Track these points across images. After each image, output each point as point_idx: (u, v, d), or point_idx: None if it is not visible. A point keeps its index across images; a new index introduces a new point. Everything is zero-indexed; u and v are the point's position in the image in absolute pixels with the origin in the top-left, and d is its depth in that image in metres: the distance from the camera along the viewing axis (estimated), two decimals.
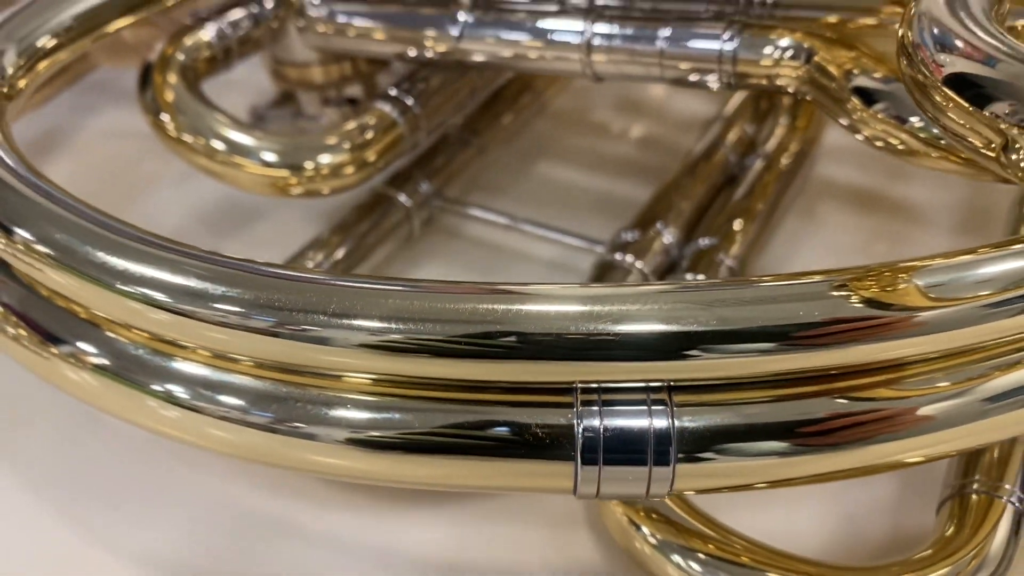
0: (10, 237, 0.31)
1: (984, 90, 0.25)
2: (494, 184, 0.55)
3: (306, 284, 0.28)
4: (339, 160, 0.44)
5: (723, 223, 0.45)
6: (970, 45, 0.27)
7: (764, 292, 0.27)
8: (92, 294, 0.30)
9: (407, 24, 0.45)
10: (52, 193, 0.32)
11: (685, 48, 0.39)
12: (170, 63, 0.46)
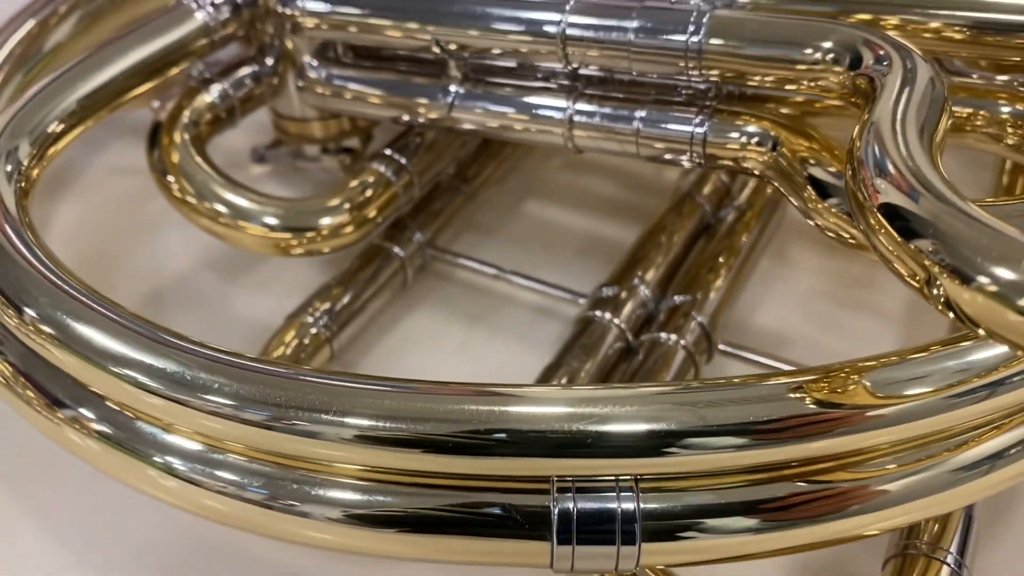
0: (21, 316, 0.34)
1: (910, 224, 0.28)
2: (485, 225, 0.58)
3: (306, 383, 0.31)
4: (339, 221, 0.47)
5: (697, 279, 0.48)
6: (901, 175, 0.30)
7: (727, 395, 0.30)
8: (91, 375, 0.33)
9: (401, 92, 0.48)
10: (64, 280, 0.35)
11: (659, 129, 0.42)
12: (176, 125, 0.49)
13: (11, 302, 0.35)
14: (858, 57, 0.36)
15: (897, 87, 0.33)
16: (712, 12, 0.39)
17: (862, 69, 0.35)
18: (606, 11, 0.41)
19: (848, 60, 0.36)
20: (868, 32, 0.36)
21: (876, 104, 0.33)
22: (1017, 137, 0.39)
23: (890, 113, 0.32)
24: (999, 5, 0.38)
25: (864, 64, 0.35)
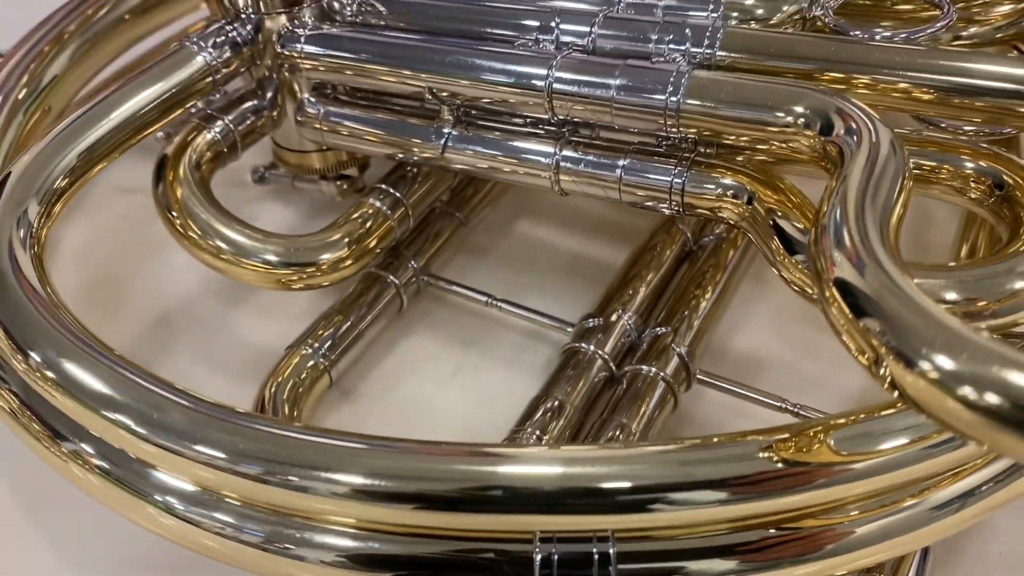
0: (27, 360, 0.37)
1: (861, 303, 0.31)
2: (477, 245, 0.61)
3: (305, 442, 0.34)
4: (338, 256, 0.50)
5: (677, 308, 0.51)
6: (857, 254, 0.32)
7: (702, 455, 0.33)
8: (88, 419, 0.36)
9: (396, 131, 0.50)
10: (72, 330, 0.38)
11: (640, 177, 0.44)
12: (180, 162, 0.51)
13: (20, 348, 0.38)
14: (829, 124, 0.38)
15: (863, 163, 0.35)
16: (691, 73, 0.42)
17: (832, 136, 0.38)
18: (591, 68, 0.43)
19: (819, 125, 0.38)
20: (841, 100, 0.38)
21: (842, 176, 0.35)
22: (979, 192, 0.41)
23: (854, 190, 0.34)
24: (964, 70, 0.40)
25: (835, 132, 0.37)
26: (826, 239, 0.34)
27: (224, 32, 0.51)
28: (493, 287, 0.56)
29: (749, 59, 0.43)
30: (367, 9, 0.52)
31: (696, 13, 0.47)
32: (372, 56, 0.48)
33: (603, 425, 0.45)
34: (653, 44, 0.45)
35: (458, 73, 0.46)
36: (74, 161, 0.44)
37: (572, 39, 0.47)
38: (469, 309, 0.56)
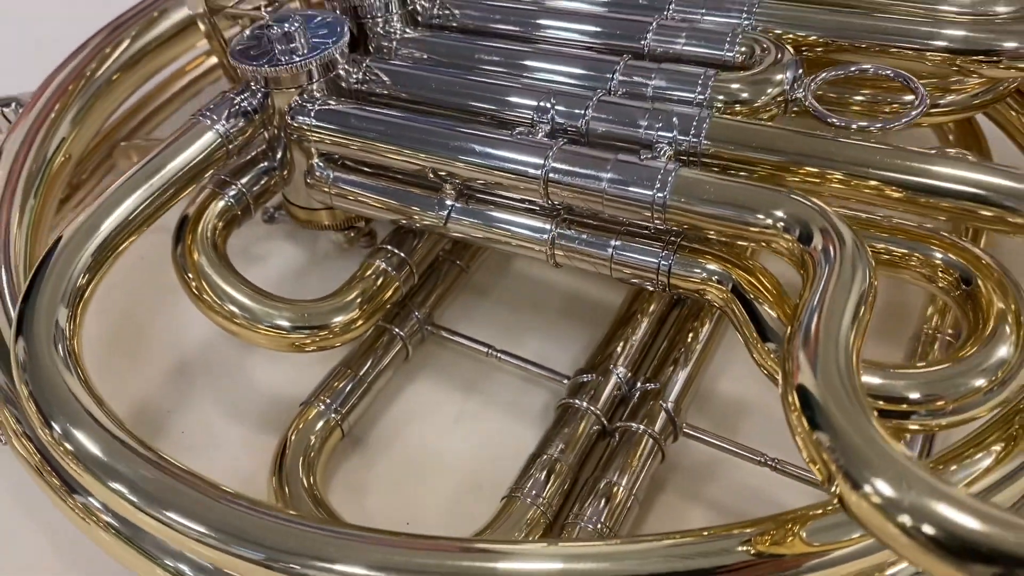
0: (51, 432, 0.42)
1: (816, 417, 0.34)
2: (478, 285, 0.64)
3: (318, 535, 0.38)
4: (349, 318, 0.53)
5: (666, 361, 0.54)
6: (819, 363, 0.35)
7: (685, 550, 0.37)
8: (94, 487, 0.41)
9: (401, 200, 0.53)
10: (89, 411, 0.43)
11: (629, 258, 0.48)
12: (198, 226, 0.54)
13: (45, 421, 0.42)
14: (808, 235, 0.41)
15: (835, 281, 0.38)
16: (677, 172, 0.44)
17: (809, 248, 0.40)
18: (585, 161, 0.46)
19: (798, 233, 0.41)
20: (821, 211, 0.41)
21: (816, 288, 0.39)
22: (946, 282, 0.44)
23: (825, 306, 0.38)
24: (930, 172, 0.43)
25: (812, 244, 0.40)
26: (796, 344, 0.37)
27: (235, 103, 0.53)
28: (493, 327, 0.60)
29: (732, 149, 0.46)
30: (372, 78, 0.54)
31: (685, 94, 0.49)
32: (377, 135, 0.51)
33: (595, 483, 0.49)
34: (643, 130, 0.48)
35: (459, 157, 0.49)
36: (89, 259, 0.48)
37: (567, 121, 0.49)
38: (471, 354, 0.60)
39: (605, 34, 0.55)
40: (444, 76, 0.53)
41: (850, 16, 0.52)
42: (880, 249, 0.46)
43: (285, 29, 0.52)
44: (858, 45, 0.52)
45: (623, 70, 0.51)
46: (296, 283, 0.66)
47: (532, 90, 0.51)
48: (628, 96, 0.51)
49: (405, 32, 0.57)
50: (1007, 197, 0.41)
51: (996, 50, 0.49)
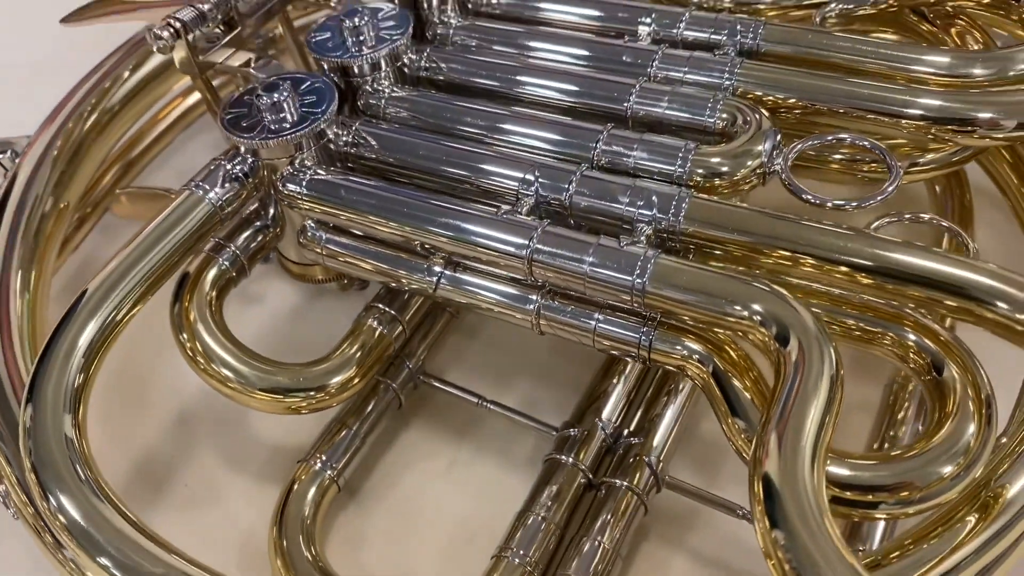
0: (48, 504, 0.44)
1: (775, 511, 0.36)
2: (467, 327, 0.66)
3: None
4: (343, 380, 0.55)
5: (648, 414, 0.56)
6: (786, 462, 0.38)
7: None
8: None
9: (392, 264, 0.54)
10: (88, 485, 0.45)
11: (612, 331, 0.49)
12: (195, 287, 0.55)
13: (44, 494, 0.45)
14: (784, 336, 0.42)
15: (807, 384, 0.40)
16: (656, 259, 0.46)
17: (784, 351, 0.42)
18: (568, 244, 0.48)
19: (775, 331, 0.43)
20: (799, 316, 0.42)
21: (787, 386, 0.40)
22: (917, 365, 0.46)
23: (798, 408, 0.39)
24: (898, 262, 0.45)
25: (788, 348, 0.42)
26: (766, 438, 0.39)
27: (227, 171, 0.54)
28: (483, 368, 0.62)
29: (709, 230, 0.48)
30: (361, 142, 0.56)
31: (665, 167, 0.51)
32: (367, 208, 0.52)
33: (580, 540, 0.51)
34: (624, 207, 0.49)
35: (446, 233, 0.50)
36: (81, 359, 0.49)
37: (551, 194, 0.51)
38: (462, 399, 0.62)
39: (589, 95, 0.56)
40: (431, 143, 0.54)
41: (827, 81, 0.53)
42: (852, 325, 0.48)
43: (274, 99, 0.53)
44: (835, 109, 0.53)
45: (606, 139, 0.52)
46: (292, 324, 0.67)
47: (517, 161, 0.52)
48: (610, 167, 0.52)
49: (393, 91, 0.58)
50: (973, 291, 0.43)
51: (971, 120, 0.51)
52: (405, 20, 0.59)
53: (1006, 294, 0.42)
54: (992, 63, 0.53)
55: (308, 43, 0.58)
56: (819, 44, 0.56)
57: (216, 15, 0.59)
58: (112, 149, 0.70)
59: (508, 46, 0.61)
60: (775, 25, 0.58)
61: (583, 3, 0.63)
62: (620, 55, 0.58)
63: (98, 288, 0.50)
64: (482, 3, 0.65)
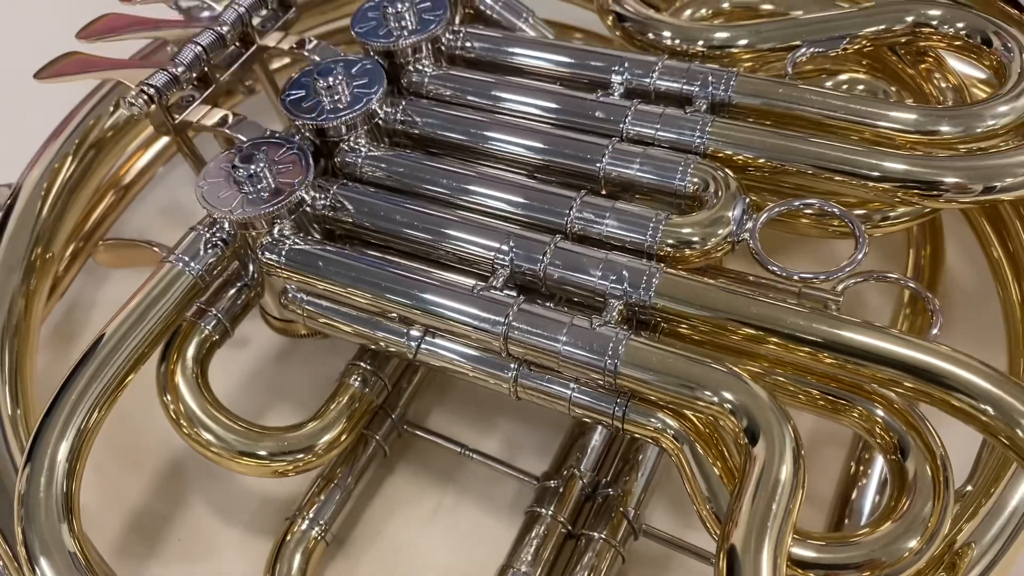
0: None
1: None
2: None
3: None
4: (327, 441, 0.56)
5: (626, 464, 0.58)
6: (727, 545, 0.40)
7: None
8: None
9: (371, 328, 0.55)
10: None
11: (587, 401, 0.51)
12: (181, 350, 0.57)
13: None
14: (755, 433, 0.44)
15: (769, 490, 0.42)
16: (627, 341, 0.47)
17: (752, 450, 0.43)
18: (542, 323, 0.49)
19: (746, 424, 0.44)
20: (772, 415, 0.44)
21: (751, 487, 0.42)
22: (883, 439, 0.48)
23: (761, 504, 0.41)
24: (858, 343, 0.46)
25: (755, 448, 0.43)
26: (732, 518, 0.41)
27: (206, 240, 0.55)
28: (465, 412, 0.64)
29: (678, 306, 0.49)
30: (338, 206, 0.56)
31: (637, 237, 0.52)
32: (346, 279, 0.53)
33: None
34: (596, 280, 0.50)
35: (422, 307, 0.51)
36: (84, 430, 0.51)
37: (526, 265, 0.52)
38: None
39: (564, 154, 0.57)
40: (408, 208, 0.55)
41: (796, 142, 0.54)
42: (817, 396, 0.49)
43: (251, 170, 0.53)
44: (804, 171, 0.54)
45: (579, 207, 0.53)
46: (278, 365, 0.69)
47: (493, 230, 0.53)
48: (584, 235, 0.53)
49: (370, 151, 0.59)
50: (927, 374, 0.44)
51: (937, 184, 0.52)
52: (379, 77, 0.59)
53: (957, 378, 0.44)
54: (959, 120, 0.54)
55: (283, 102, 0.59)
56: (789, 97, 0.57)
57: (190, 76, 0.59)
58: (96, 192, 0.70)
59: (483, 97, 0.61)
60: (746, 77, 0.58)
61: (557, 50, 0.63)
62: (593, 110, 0.58)
63: (82, 368, 0.51)
64: (456, 47, 0.65)
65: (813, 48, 0.61)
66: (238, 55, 0.63)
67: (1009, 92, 0.55)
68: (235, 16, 0.62)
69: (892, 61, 0.65)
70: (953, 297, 0.68)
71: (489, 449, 0.63)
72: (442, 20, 0.63)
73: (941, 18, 0.60)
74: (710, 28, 0.62)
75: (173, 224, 0.78)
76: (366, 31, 0.63)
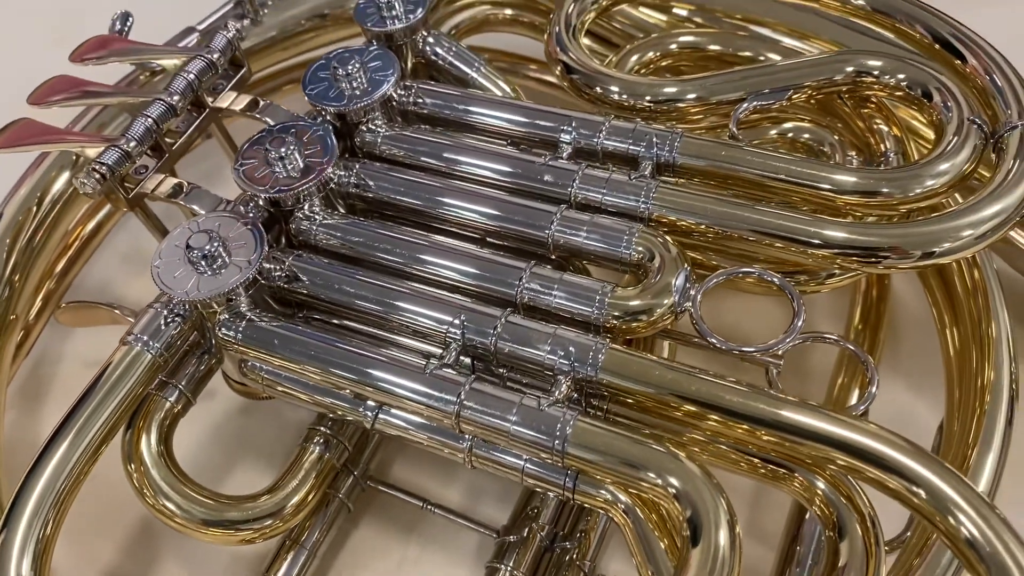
0: None
1: None
2: None
3: None
4: (292, 506, 0.58)
5: (582, 516, 0.60)
6: None
7: None
8: None
9: (330, 397, 0.57)
10: None
11: (539, 472, 0.53)
12: (147, 421, 0.58)
13: None
14: (696, 527, 0.45)
15: (709, 560, 0.44)
16: (574, 421, 0.49)
17: (691, 546, 0.45)
18: (492, 402, 0.50)
19: (689, 513, 0.46)
20: (714, 505, 0.46)
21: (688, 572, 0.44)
22: (822, 513, 0.50)
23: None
24: (793, 422, 0.47)
25: (696, 544, 0.45)
26: None
27: (164, 318, 0.56)
28: (427, 461, 0.65)
29: (621, 382, 0.50)
30: (293, 276, 0.58)
31: (584, 309, 0.53)
32: (299, 357, 0.54)
33: None
34: (545, 355, 0.52)
35: (376, 386, 0.53)
36: (54, 513, 0.52)
37: (477, 338, 0.53)
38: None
39: (514, 220, 0.58)
40: (362, 280, 0.56)
41: (738, 208, 0.55)
42: (759, 464, 0.51)
43: (205, 250, 0.54)
44: (746, 237, 0.55)
45: (528, 277, 0.55)
46: (243, 419, 0.70)
47: (445, 304, 0.54)
48: (533, 306, 0.54)
49: (324, 219, 0.59)
50: (856, 452, 0.46)
51: (876, 251, 0.53)
52: (330, 147, 0.60)
53: (883, 457, 0.46)
54: (896, 182, 0.55)
55: (236, 172, 0.59)
56: (731, 159, 0.58)
57: (142, 150, 0.60)
58: (58, 246, 0.71)
59: (436, 159, 0.62)
60: (690, 138, 0.59)
61: (507, 108, 0.64)
62: (543, 174, 0.60)
63: (44, 459, 0.52)
64: (408, 103, 0.66)
65: (757, 101, 0.62)
66: (191, 119, 0.64)
67: (943, 152, 0.56)
68: (184, 84, 0.62)
69: (839, 106, 0.66)
70: (900, 323, 0.71)
71: (452, 497, 0.65)
72: (392, 80, 0.63)
73: (882, 68, 0.61)
74: (656, 83, 0.63)
75: (136, 271, 0.79)
76: (317, 93, 0.63)
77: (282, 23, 0.81)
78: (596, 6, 0.70)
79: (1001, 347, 0.59)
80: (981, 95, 0.60)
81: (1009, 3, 0.87)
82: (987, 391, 0.57)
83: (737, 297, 0.71)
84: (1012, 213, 0.54)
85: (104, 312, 0.66)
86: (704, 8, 0.76)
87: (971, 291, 0.62)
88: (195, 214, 0.61)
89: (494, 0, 0.79)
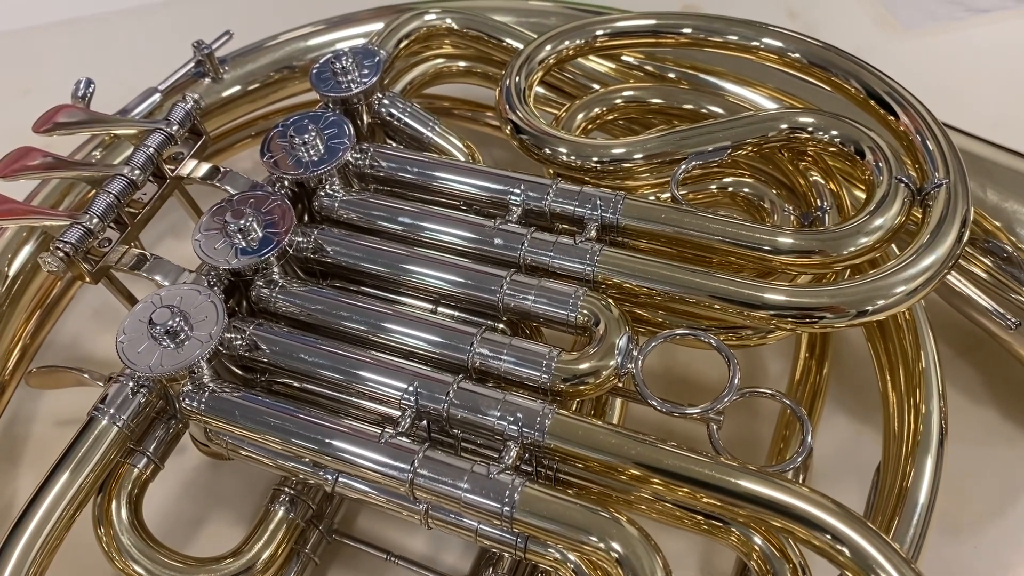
0: None
1: None
2: None
3: None
4: (263, 563, 0.60)
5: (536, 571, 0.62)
6: None
7: None
8: None
9: (292, 462, 0.59)
10: None
11: (492, 533, 0.55)
12: (117, 487, 0.59)
13: None
14: None
15: None
16: (522, 488, 0.51)
17: None
18: (445, 470, 0.53)
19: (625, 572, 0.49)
20: (641, 560, 0.48)
21: None
22: (759, 567, 0.53)
23: None
24: (732, 485, 0.50)
25: None
26: None
27: (129, 390, 0.58)
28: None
29: (568, 447, 0.53)
30: (253, 344, 0.60)
31: (532, 373, 0.56)
32: (260, 427, 0.57)
33: None
34: (495, 420, 0.54)
35: (333, 455, 0.55)
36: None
37: (430, 404, 0.55)
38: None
39: (466, 285, 0.60)
40: (320, 348, 0.59)
41: (680, 272, 0.58)
42: (701, 520, 0.54)
43: (168, 326, 0.56)
44: (688, 299, 0.58)
45: (479, 342, 0.57)
46: (213, 473, 0.72)
47: (399, 372, 0.57)
48: (484, 371, 0.57)
49: (284, 285, 0.62)
50: (801, 518, 0.49)
51: (812, 312, 0.55)
52: (288, 217, 0.62)
53: (821, 521, 0.48)
54: (828, 243, 0.58)
55: (195, 246, 0.61)
56: (672, 221, 0.61)
57: (104, 225, 0.62)
58: (28, 307, 0.73)
59: (391, 223, 0.64)
60: (633, 201, 0.62)
61: (460, 171, 0.66)
62: (493, 237, 0.62)
63: (17, 532, 0.54)
64: (365, 166, 0.68)
65: (696, 161, 0.65)
66: (153, 190, 0.66)
67: (873, 211, 0.59)
68: (145, 159, 0.64)
69: (779, 158, 0.69)
70: (845, 357, 0.73)
71: (415, 546, 0.67)
72: (347, 147, 0.66)
73: (815, 125, 0.64)
74: (602, 145, 0.66)
75: (106, 327, 0.81)
76: (275, 161, 0.65)
77: (242, 78, 0.83)
78: (543, 65, 0.72)
79: (931, 382, 0.62)
80: (909, 150, 0.63)
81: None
82: (919, 423, 0.60)
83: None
84: (941, 267, 0.57)
85: (72, 376, 0.68)
86: (654, 57, 0.78)
87: (903, 327, 0.65)
88: (159, 285, 0.63)
89: (447, 54, 0.81)
